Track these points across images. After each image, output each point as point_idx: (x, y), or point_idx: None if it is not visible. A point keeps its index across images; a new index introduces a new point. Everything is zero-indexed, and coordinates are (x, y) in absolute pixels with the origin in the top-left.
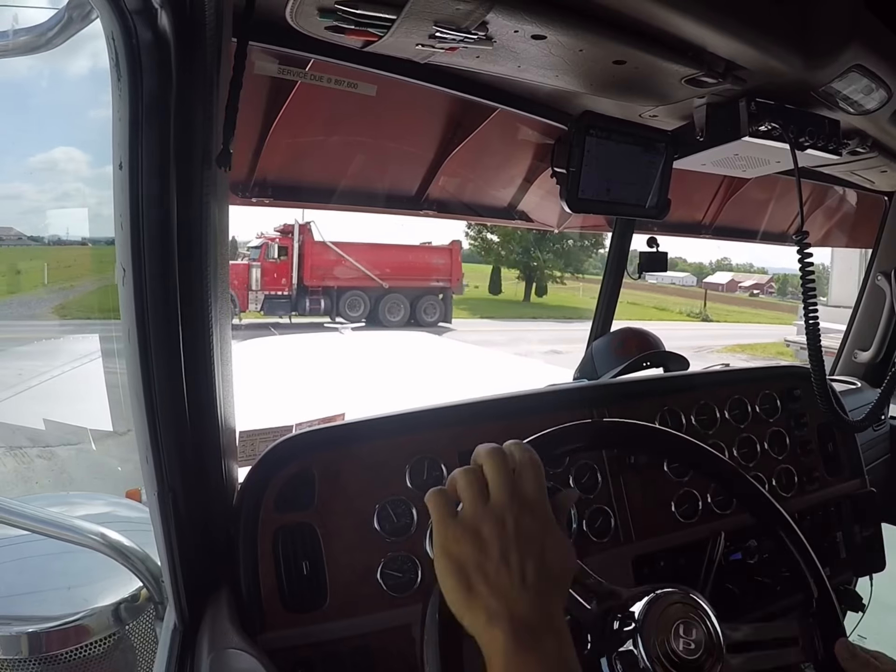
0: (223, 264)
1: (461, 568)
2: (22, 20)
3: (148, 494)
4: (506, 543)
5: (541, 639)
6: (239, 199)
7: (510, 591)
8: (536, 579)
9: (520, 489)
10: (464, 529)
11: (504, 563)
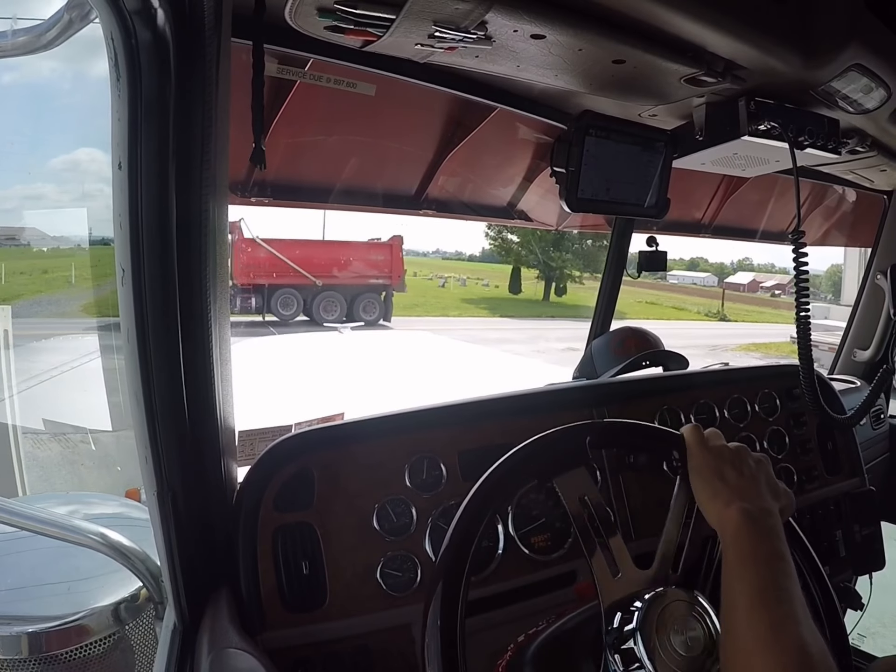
0: (222, 264)
1: (709, 476)
2: (21, 20)
3: (147, 494)
4: (742, 462)
5: (761, 520)
6: (238, 199)
7: (743, 489)
8: (765, 487)
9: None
10: (714, 453)
11: (739, 472)
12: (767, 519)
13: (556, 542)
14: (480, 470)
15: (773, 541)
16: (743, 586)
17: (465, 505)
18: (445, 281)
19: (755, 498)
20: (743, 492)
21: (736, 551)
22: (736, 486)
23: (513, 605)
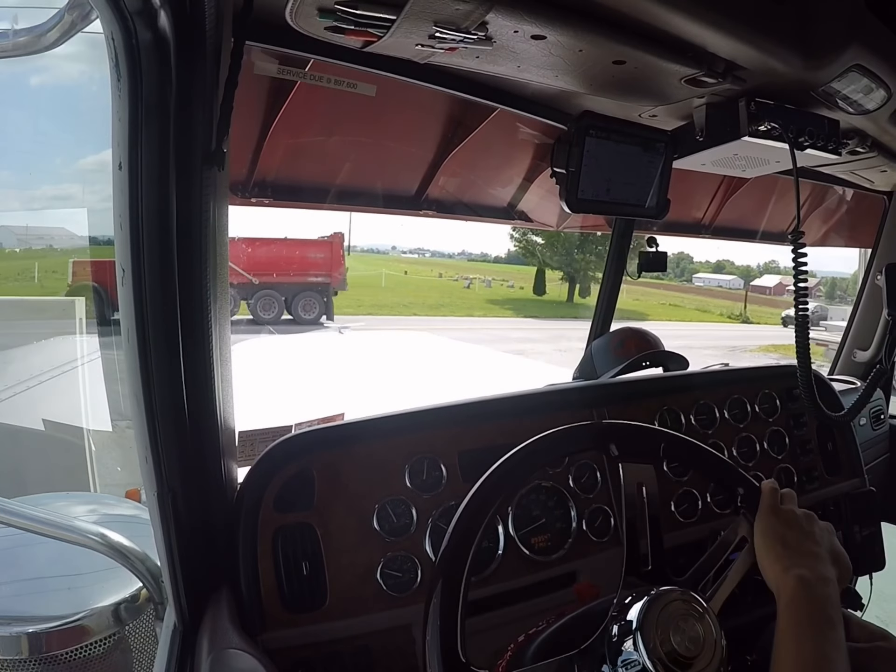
0: (222, 264)
1: (773, 539)
2: (22, 20)
3: (148, 494)
4: (808, 529)
5: (818, 588)
6: (239, 200)
7: (803, 556)
8: (822, 554)
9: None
10: (783, 517)
11: (803, 539)
12: (823, 587)
13: (557, 543)
14: (480, 470)
15: (827, 609)
16: (791, 655)
17: (468, 499)
18: (471, 282)
19: (814, 565)
20: (803, 558)
21: (789, 617)
22: (797, 552)
23: (513, 605)
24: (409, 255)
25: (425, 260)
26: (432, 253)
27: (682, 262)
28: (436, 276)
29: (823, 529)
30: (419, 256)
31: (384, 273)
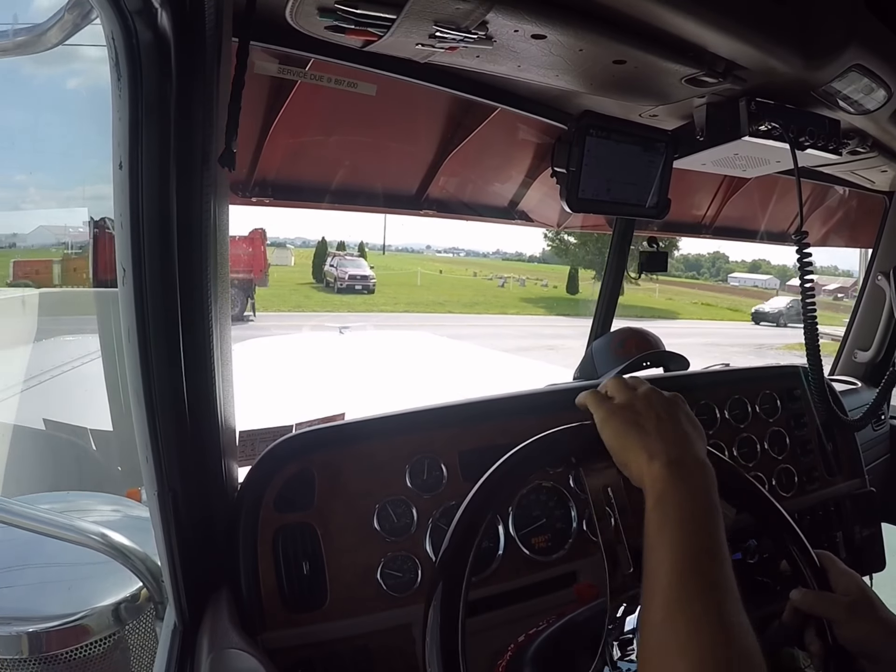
0: (223, 264)
1: (621, 430)
2: (22, 20)
3: (148, 494)
4: (653, 407)
5: (692, 471)
6: (239, 199)
7: (664, 437)
8: (685, 429)
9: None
10: (619, 406)
11: (656, 419)
12: (696, 472)
13: (557, 543)
14: (481, 470)
15: (703, 497)
16: (668, 559)
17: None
18: (505, 281)
19: (681, 445)
20: (666, 438)
21: (660, 517)
22: (656, 434)
23: (513, 605)
24: (444, 255)
25: (460, 259)
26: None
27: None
28: (470, 276)
29: (673, 399)
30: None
31: (419, 272)
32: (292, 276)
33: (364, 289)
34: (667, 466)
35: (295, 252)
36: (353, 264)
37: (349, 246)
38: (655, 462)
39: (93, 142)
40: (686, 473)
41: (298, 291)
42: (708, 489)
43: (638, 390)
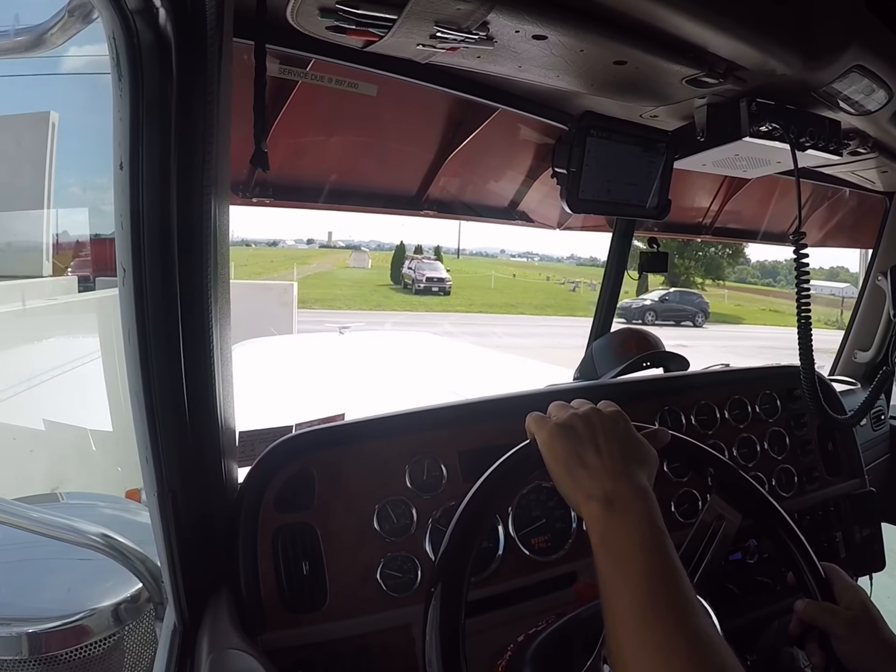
0: (223, 264)
1: (561, 458)
2: (22, 20)
3: (148, 495)
4: (594, 433)
5: (629, 503)
6: (239, 199)
7: (601, 471)
8: (623, 459)
9: (606, 414)
10: (560, 428)
11: (595, 448)
12: (634, 503)
13: (557, 543)
14: (480, 470)
15: (646, 526)
16: (621, 601)
17: (467, 501)
18: (577, 285)
19: (618, 477)
20: (603, 473)
21: (606, 555)
22: (595, 468)
23: (513, 605)
24: (518, 259)
25: (533, 264)
26: (541, 257)
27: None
28: (543, 280)
29: (614, 422)
30: (527, 260)
31: (493, 275)
32: (371, 278)
33: (440, 290)
34: (604, 505)
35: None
36: (430, 267)
37: (426, 249)
38: (593, 502)
39: None
40: (624, 507)
41: (378, 292)
42: (649, 516)
43: (579, 411)
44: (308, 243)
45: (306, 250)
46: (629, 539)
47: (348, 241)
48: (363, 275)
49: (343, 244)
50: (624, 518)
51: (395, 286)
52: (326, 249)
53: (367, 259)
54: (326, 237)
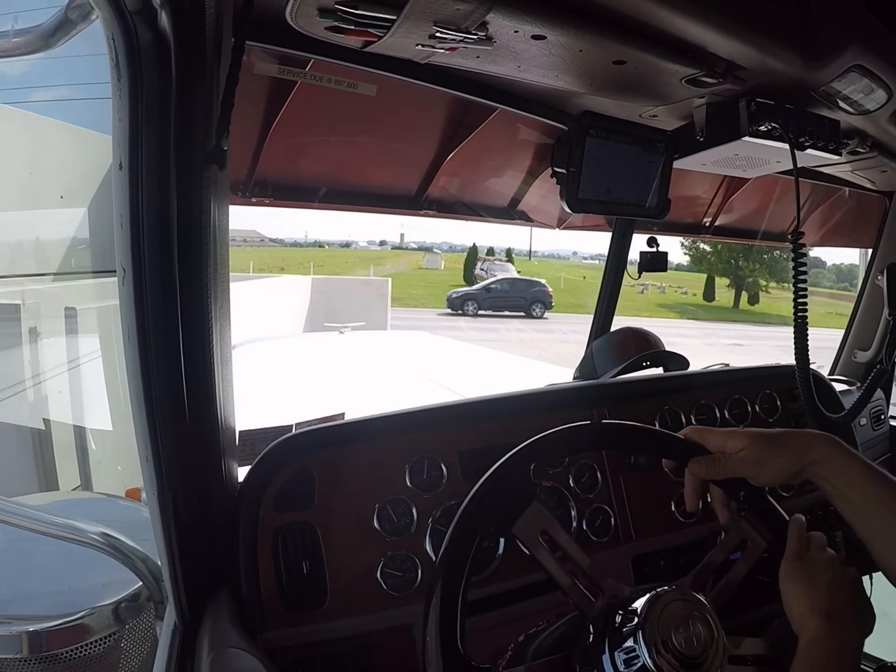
0: (223, 264)
1: (803, 580)
2: (22, 20)
3: (148, 494)
4: (837, 572)
5: (841, 635)
6: (239, 199)
7: (833, 598)
8: (852, 601)
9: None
10: (812, 559)
11: (833, 581)
12: (848, 637)
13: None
14: (480, 470)
15: (848, 663)
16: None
17: (466, 502)
18: (645, 288)
19: (843, 613)
20: (833, 604)
21: (808, 660)
22: (827, 596)
23: (513, 605)
24: (590, 261)
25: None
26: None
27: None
28: None
29: (853, 576)
30: (599, 262)
31: (562, 277)
32: (444, 279)
33: None
34: (822, 619)
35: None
36: (502, 268)
37: (497, 251)
38: (815, 615)
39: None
40: (834, 632)
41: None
42: (851, 653)
43: (828, 552)
44: (381, 245)
45: (379, 251)
46: (831, 663)
47: (420, 243)
48: (436, 276)
49: (415, 246)
50: (835, 642)
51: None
52: (399, 251)
53: (439, 260)
54: (399, 239)
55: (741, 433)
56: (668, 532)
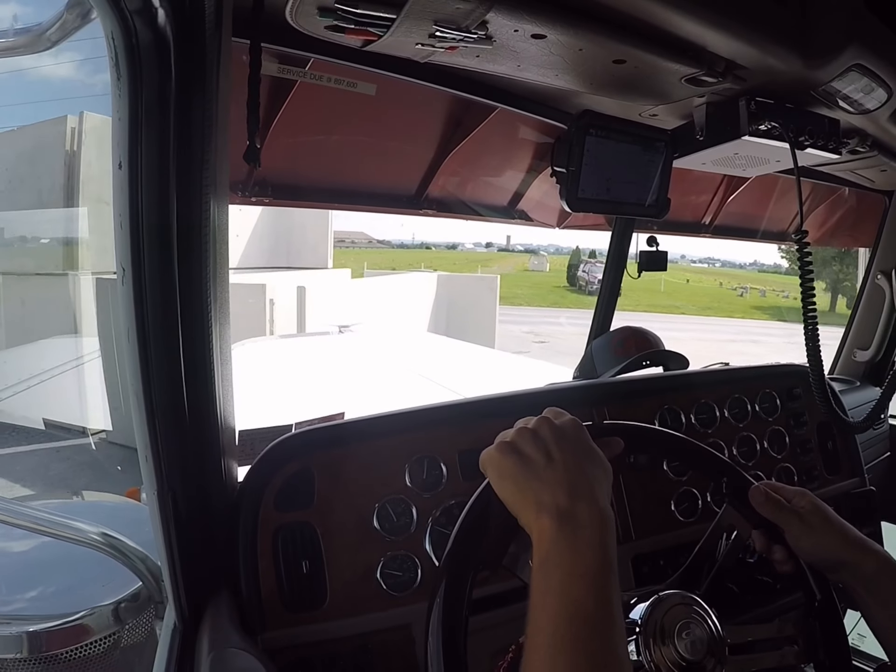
0: (223, 264)
1: (513, 476)
2: (21, 20)
3: (148, 494)
4: (546, 443)
5: (583, 528)
6: (239, 199)
7: (555, 483)
8: (579, 470)
9: (558, 424)
10: (506, 445)
11: (547, 459)
12: (588, 528)
13: None
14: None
15: (592, 559)
16: (542, 639)
17: (473, 499)
18: (745, 291)
19: (575, 492)
20: (557, 486)
21: (542, 581)
22: (548, 480)
23: (514, 604)
24: (699, 265)
25: (713, 270)
26: (722, 263)
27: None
28: (717, 285)
29: (568, 430)
30: (708, 266)
31: (663, 279)
32: (548, 280)
33: None
34: (556, 521)
35: (549, 259)
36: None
37: (600, 254)
38: (544, 515)
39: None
40: (574, 530)
41: (554, 292)
42: (603, 544)
43: (528, 424)
44: (486, 246)
45: (485, 253)
46: (572, 569)
47: (527, 245)
48: (541, 277)
49: (521, 248)
50: (573, 543)
51: (571, 287)
52: (505, 253)
53: (545, 262)
54: (505, 241)
55: (813, 498)
56: (668, 532)
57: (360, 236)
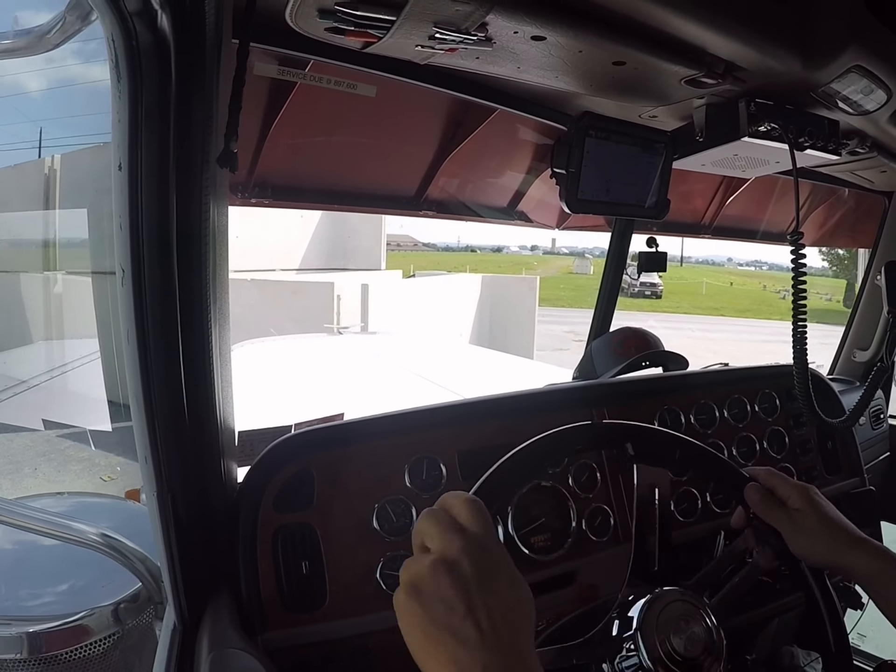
0: (222, 265)
1: (421, 626)
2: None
3: (147, 495)
4: (466, 585)
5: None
6: (238, 200)
7: (478, 641)
8: (503, 622)
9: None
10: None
11: (467, 612)
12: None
13: (556, 542)
14: (480, 470)
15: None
16: None
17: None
18: (787, 294)
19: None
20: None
21: None
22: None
23: None
24: (746, 268)
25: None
26: (770, 266)
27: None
28: (760, 288)
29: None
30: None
31: (705, 282)
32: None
33: (652, 294)
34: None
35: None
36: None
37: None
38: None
39: None
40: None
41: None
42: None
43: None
44: (531, 249)
45: (530, 256)
46: None
47: (572, 248)
48: (585, 280)
49: (566, 251)
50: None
51: None
52: (550, 256)
53: (589, 265)
54: (550, 244)
55: (811, 498)
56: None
57: (406, 239)
